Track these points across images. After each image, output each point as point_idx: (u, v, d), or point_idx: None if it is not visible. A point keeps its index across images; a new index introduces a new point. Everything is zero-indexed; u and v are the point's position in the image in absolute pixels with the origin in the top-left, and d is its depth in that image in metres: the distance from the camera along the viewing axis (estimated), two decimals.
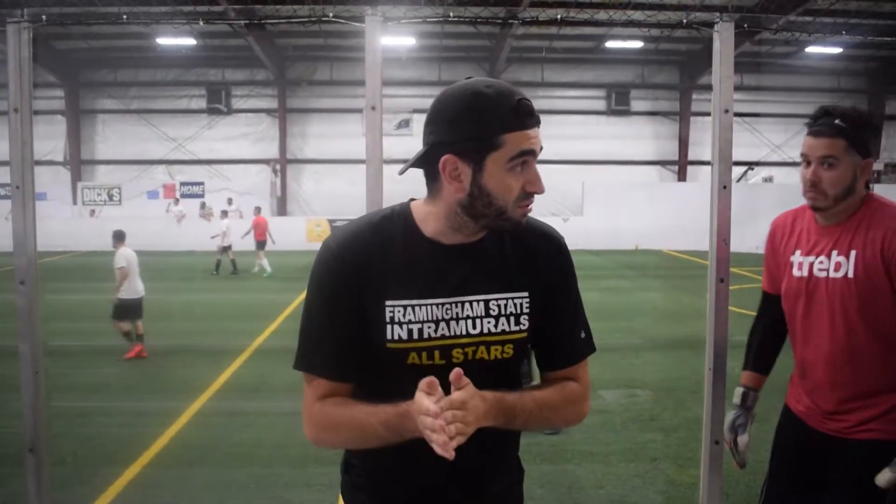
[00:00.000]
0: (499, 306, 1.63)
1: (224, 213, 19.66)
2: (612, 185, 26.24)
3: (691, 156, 27.74)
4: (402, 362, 1.60)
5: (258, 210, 19.88)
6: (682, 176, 27.89)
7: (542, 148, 1.56)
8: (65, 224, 23.76)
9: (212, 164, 27.56)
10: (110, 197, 26.31)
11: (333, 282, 1.62)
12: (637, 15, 4.19)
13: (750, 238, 22.26)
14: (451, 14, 3.34)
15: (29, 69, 3.05)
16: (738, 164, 24.50)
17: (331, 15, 3.02)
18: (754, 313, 2.97)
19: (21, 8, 3.07)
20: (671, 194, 25.58)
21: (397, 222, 1.65)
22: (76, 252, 22.63)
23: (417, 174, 1.68)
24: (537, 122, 1.55)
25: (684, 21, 3.48)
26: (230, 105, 27.35)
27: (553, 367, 1.76)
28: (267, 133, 27.70)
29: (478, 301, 1.62)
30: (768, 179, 26.71)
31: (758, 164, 27.14)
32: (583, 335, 1.77)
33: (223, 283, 16.64)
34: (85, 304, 13.47)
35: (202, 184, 26.92)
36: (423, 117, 1.66)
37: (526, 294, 1.66)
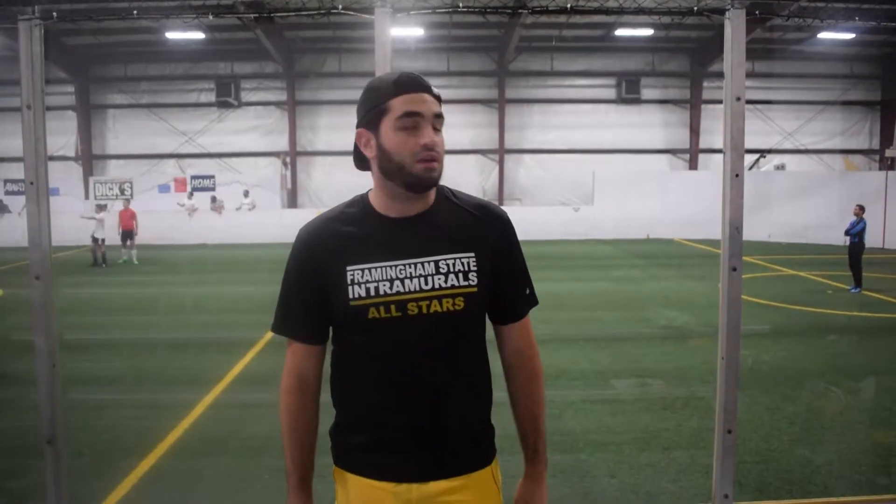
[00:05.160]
0: (447, 265, 1.90)
1: (99, 208, 20.02)
2: (623, 174, 26.04)
3: (702, 144, 27.59)
4: (364, 317, 1.89)
5: (127, 202, 20.56)
6: (693, 164, 27.74)
7: (438, 115, 1.88)
8: (77, 219, 23.85)
9: (222, 158, 27.56)
10: (122, 191, 26.37)
11: (300, 263, 1.98)
12: (647, 2, 4.15)
13: (762, 226, 22.32)
14: (461, 4, 3.34)
15: (41, 66, 3.06)
16: (749, 151, 24.38)
17: (340, 7, 3.02)
18: (767, 302, 2.98)
19: (32, 5, 3.08)
20: (682, 183, 25.43)
21: (357, 206, 2.01)
22: (88, 246, 22.72)
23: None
24: (422, 90, 1.87)
25: (695, 8, 3.46)
26: (239, 98, 27.33)
27: (505, 321, 2.09)
28: (276, 126, 27.68)
29: (428, 262, 1.90)
30: (780, 167, 26.54)
31: (770, 151, 26.95)
32: (528, 291, 2.10)
33: (233, 277, 16.69)
34: (98, 297, 13.57)
35: (213, 177, 26.96)
36: None
37: (472, 254, 1.93)
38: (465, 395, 1.99)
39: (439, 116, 1.89)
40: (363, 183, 2.02)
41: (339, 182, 26.09)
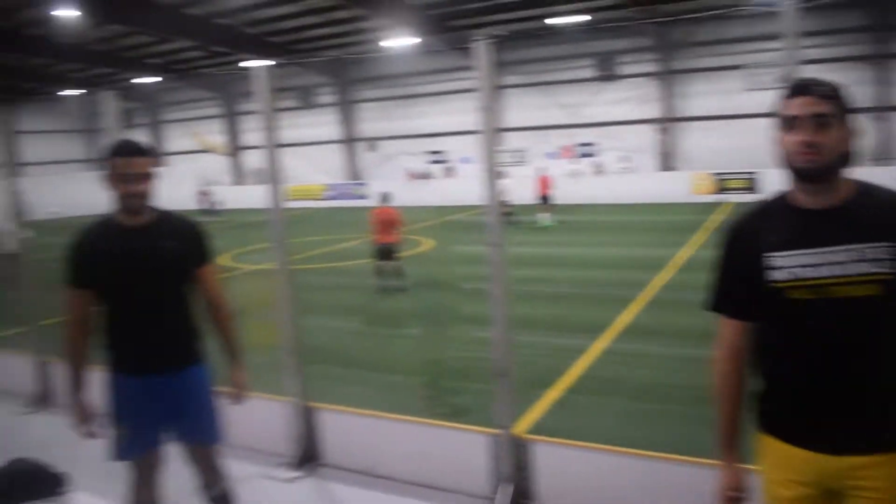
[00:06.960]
0: (862, 253, 1.88)
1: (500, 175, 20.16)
2: None
3: None
4: (782, 298, 1.97)
5: (545, 170, 20.43)
6: None
7: (814, 115, 1.89)
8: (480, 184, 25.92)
9: (602, 126, 27.89)
10: (518, 159, 28.19)
11: (727, 252, 2.12)
12: None
13: None
14: None
15: (492, 76, 3.52)
16: None
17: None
18: None
19: (480, 30, 3.54)
20: None
21: (776, 201, 2.06)
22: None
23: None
24: (799, 94, 1.92)
25: None
26: (616, 72, 27.39)
27: None
28: (650, 95, 27.16)
29: (842, 250, 1.90)
30: None
31: None
32: None
33: (613, 238, 16.58)
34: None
35: (593, 144, 27.60)
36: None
37: (888, 244, 1.88)
38: (883, 375, 1.94)
39: (819, 116, 1.90)
40: (735, 146, 2.05)
41: (711, 145, 24.83)
